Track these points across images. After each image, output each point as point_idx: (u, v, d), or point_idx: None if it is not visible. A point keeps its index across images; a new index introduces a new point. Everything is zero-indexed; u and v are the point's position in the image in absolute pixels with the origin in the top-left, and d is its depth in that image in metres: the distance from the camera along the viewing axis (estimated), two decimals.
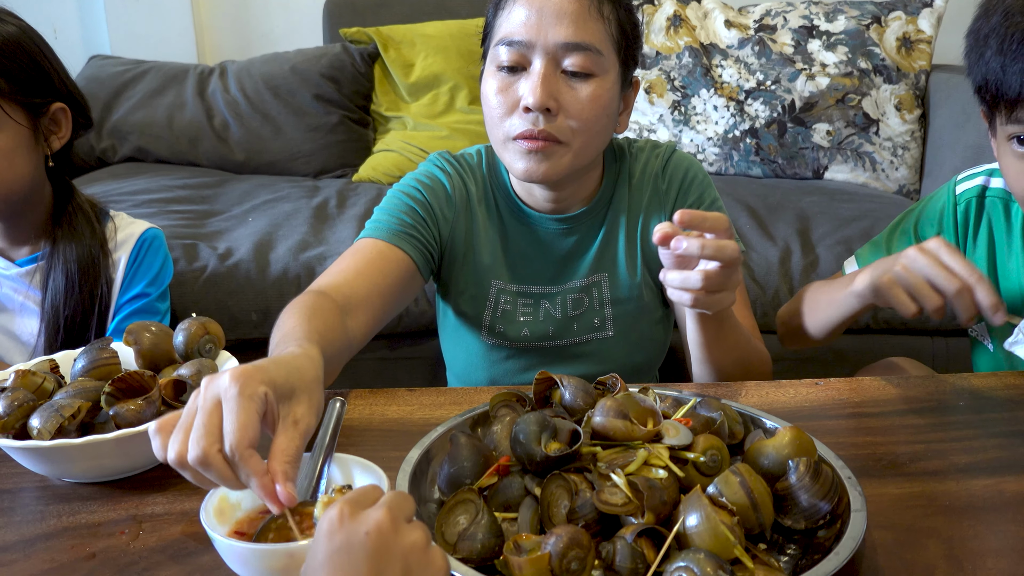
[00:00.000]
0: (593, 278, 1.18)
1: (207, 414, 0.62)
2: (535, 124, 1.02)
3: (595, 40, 1.03)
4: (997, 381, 1.01)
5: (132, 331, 0.91)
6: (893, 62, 2.47)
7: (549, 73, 1.02)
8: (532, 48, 1.02)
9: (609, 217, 1.18)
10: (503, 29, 1.04)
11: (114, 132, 2.51)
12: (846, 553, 0.61)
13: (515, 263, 1.18)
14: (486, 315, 1.19)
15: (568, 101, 1.03)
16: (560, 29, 1.01)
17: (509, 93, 1.04)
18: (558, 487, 0.68)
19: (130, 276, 1.26)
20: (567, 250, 1.17)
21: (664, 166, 1.19)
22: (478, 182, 1.19)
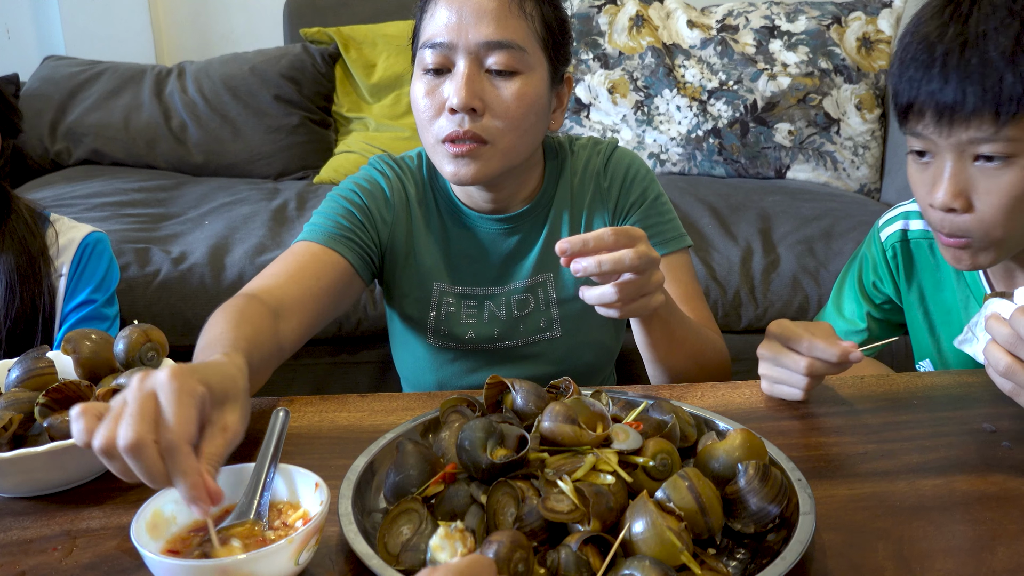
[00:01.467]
0: (537, 278, 1.17)
1: (142, 402, 0.59)
2: (461, 125, 1.01)
3: (517, 37, 1.02)
4: (950, 379, 1.01)
5: (71, 339, 0.88)
6: (853, 62, 2.49)
7: (472, 73, 1.01)
8: (454, 49, 1.01)
9: (552, 215, 1.17)
10: (426, 31, 1.03)
11: (69, 134, 2.46)
12: (793, 557, 0.61)
13: (457, 265, 1.17)
14: (430, 318, 1.18)
15: (493, 100, 1.02)
16: (481, 28, 1.00)
17: (435, 95, 1.03)
18: (504, 495, 0.67)
19: (74, 283, 1.22)
20: (509, 250, 1.16)
21: (606, 163, 1.18)
22: (417, 184, 1.18)
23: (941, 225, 0.97)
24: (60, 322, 1.23)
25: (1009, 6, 0.89)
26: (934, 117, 0.92)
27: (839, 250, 1.91)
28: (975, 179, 0.93)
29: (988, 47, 0.88)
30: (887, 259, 1.19)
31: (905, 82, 0.94)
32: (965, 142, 0.92)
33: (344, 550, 0.68)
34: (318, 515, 0.62)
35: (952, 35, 0.90)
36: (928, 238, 1.17)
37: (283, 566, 0.60)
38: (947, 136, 0.92)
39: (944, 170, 0.94)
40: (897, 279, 1.20)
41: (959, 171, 0.94)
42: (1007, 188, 0.91)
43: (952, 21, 0.91)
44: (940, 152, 0.95)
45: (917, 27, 0.95)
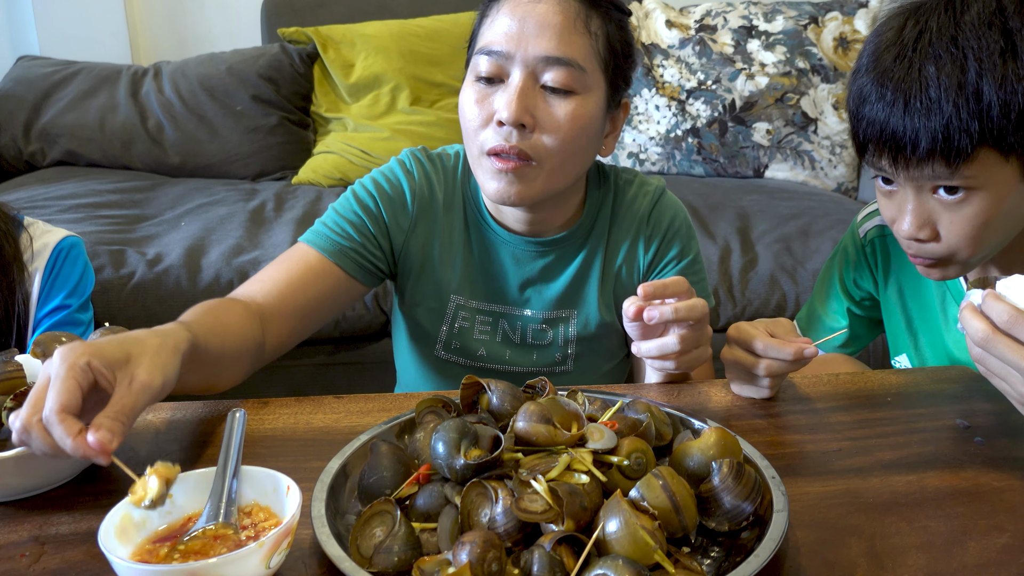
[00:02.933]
0: (560, 312, 1.13)
1: (37, 389, 0.68)
2: (508, 139, 0.97)
3: (578, 55, 0.98)
4: (924, 376, 1.02)
5: (40, 342, 0.86)
6: (830, 62, 2.51)
7: (526, 87, 0.97)
8: (511, 59, 0.97)
9: (586, 250, 1.13)
10: (484, 37, 1.00)
11: (43, 135, 2.43)
12: (766, 554, 0.61)
13: (477, 279, 1.13)
14: (442, 330, 1.14)
15: (545, 117, 0.98)
16: (541, 41, 0.96)
17: (485, 105, 0.99)
18: (478, 495, 0.66)
19: (47, 288, 1.20)
20: (533, 274, 1.13)
21: (651, 210, 1.14)
22: (448, 186, 1.13)
23: (909, 248, 0.98)
24: (33, 327, 1.21)
25: (953, 35, 0.87)
26: (890, 157, 0.91)
27: (817, 248, 1.92)
28: (937, 211, 0.93)
29: (931, 89, 0.86)
30: (865, 255, 1.20)
31: (862, 120, 0.93)
32: (924, 178, 0.91)
33: (317, 553, 0.67)
34: (289, 518, 0.61)
35: (899, 76, 0.89)
36: None
37: (254, 570, 0.59)
38: (904, 174, 0.92)
39: (907, 202, 0.94)
40: (876, 275, 1.20)
41: (921, 204, 0.94)
42: (970, 219, 0.91)
43: (897, 60, 0.89)
44: (901, 183, 0.95)
45: (871, 61, 0.93)
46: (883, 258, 1.19)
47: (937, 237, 0.94)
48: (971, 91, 0.85)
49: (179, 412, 0.94)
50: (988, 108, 0.85)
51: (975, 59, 0.85)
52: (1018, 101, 0.85)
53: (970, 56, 0.86)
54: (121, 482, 0.80)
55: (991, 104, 0.85)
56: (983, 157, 0.87)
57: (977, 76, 0.85)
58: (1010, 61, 0.85)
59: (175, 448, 0.87)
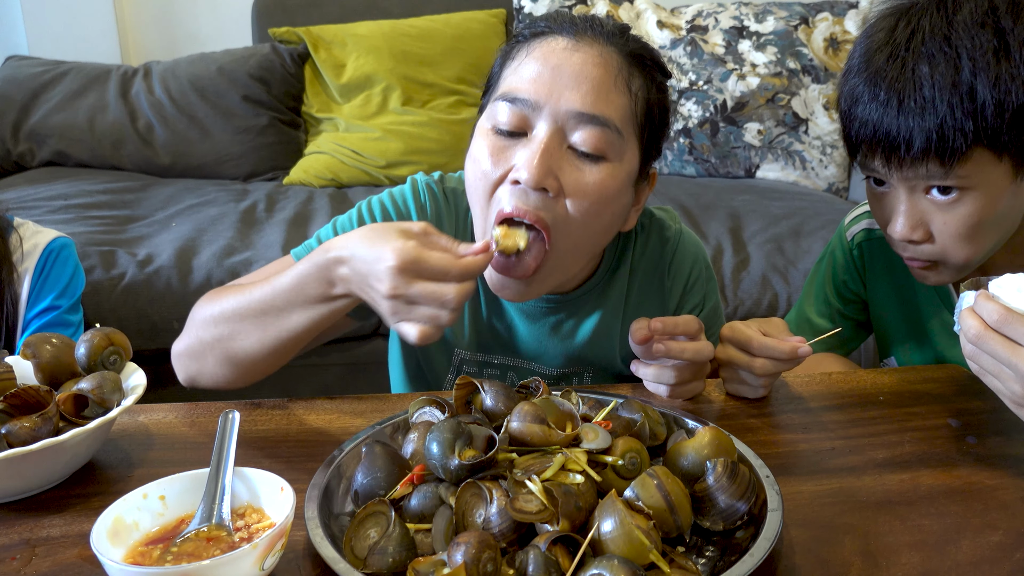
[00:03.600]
0: (575, 369, 1.06)
1: None
2: (524, 201, 0.85)
3: (615, 116, 0.86)
4: (915, 376, 1.02)
5: (31, 344, 0.86)
6: (821, 62, 2.51)
7: (552, 146, 0.85)
8: (538, 111, 0.86)
9: (603, 308, 1.04)
10: (508, 81, 0.89)
11: (32, 135, 2.42)
12: (761, 553, 0.61)
13: (483, 333, 1.06)
14: (447, 380, 1.08)
15: (570, 184, 0.86)
16: (576, 95, 0.85)
17: (501, 159, 0.87)
18: (472, 496, 0.66)
19: (37, 289, 1.20)
20: (546, 330, 1.04)
21: (672, 260, 1.06)
22: (459, 230, 1.03)
23: (903, 250, 0.98)
24: (23, 328, 1.20)
25: (946, 34, 0.87)
26: (883, 157, 0.91)
27: (808, 248, 1.92)
28: (931, 211, 0.93)
29: (925, 89, 0.87)
30: (853, 258, 1.20)
31: (855, 121, 0.93)
32: (918, 178, 0.91)
33: (311, 554, 0.67)
34: (283, 519, 0.61)
35: (893, 77, 0.89)
36: None
37: (248, 571, 0.59)
38: (898, 175, 0.92)
39: (900, 203, 0.94)
40: (864, 278, 1.21)
41: (914, 204, 0.94)
42: (963, 219, 0.92)
43: (890, 60, 0.89)
44: (894, 184, 0.95)
45: (863, 61, 0.93)
46: (871, 261, 1.19)
47: (931, 238, 0.94)
48: (965, 90, 0.86)
49: (170, 414, 0.94)
50: (982, 108, 0.85)
51: (969, 58, 0.86)
52: (1012, 100, 0.85)
53: (964, 55, 0.86)
54: (111, 484, 0.79)
55: (985, 103, 0.85)
56: (977, 157, 0.88)
57: (971, 75, 0.86)
58: (1003, 60, 0.85)
59: (167, 449, 0.86)
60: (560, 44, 0.88)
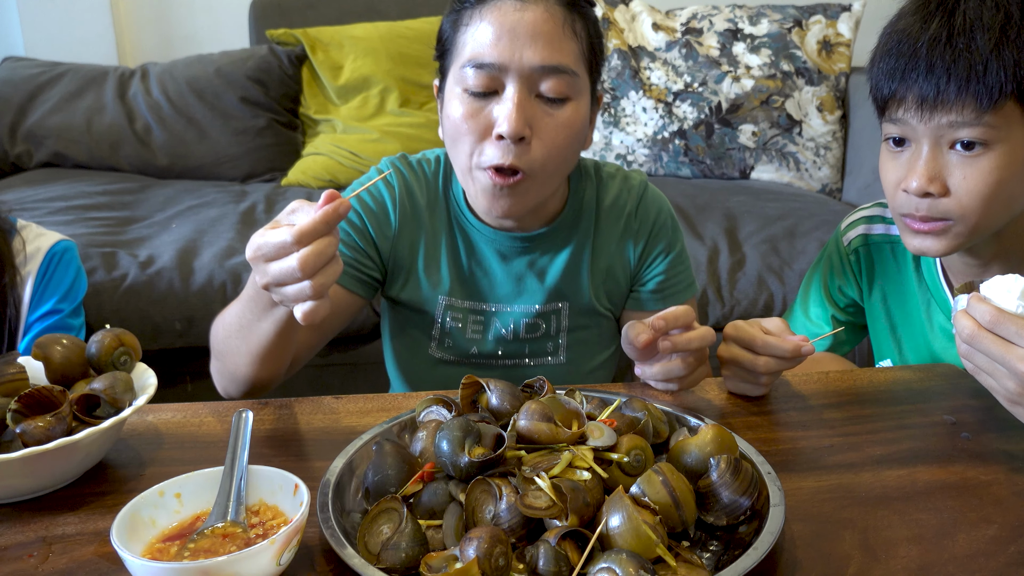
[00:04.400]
0: (552, 305, 1.14)
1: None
2: (506, 155, 0.96)
3: (571, 61, 0.97)
4: (911, 374, 1.04)
5: (41, 344, 0.87)
6: (814, 64, 2.54)
7: (524, 99, 0.96)
8: (505, 71, 0.96)
9: (574, 243, 1.13)
10: (470, 49, 0.98)
11: (29, 137, 2.42)
12: (764, 547, 0.62)
13: (465, 279, 1.14)
14: (434, 330, 1.15)
15: (542, 128, 0.98)
16: (536, 51, 0.95)
17: (479, 119, 0.98)
18: (482, 492, 0.68)
19: (40, 292, 1.20)
20: (522, 269, 1.13)
21: (637, 207, 1.16)
22: (431, 191, 1.14)
23: (916, 209, 0.99)
24: (24, 331, 1.21)
25: None
26: (916, 102, 0.95)
27: (803, 249, 1.94)
28: (951, 165, 0.96)
29: (975, 37, 0.92)
30: (850, 263, 1.22)
31: (886, 72, 0.98)
32: (945, 126, 0.94)
33: (323, 550, 0.68)
34: (299, 516, 0.62)
35: (938, 25, 0.94)
36: (890, 241, 1.19)
37: (265, 567, 0.60)
38: (927, 121, 0.95)
39: (920, 156, 0.97)
40: (860, 282, 1.23)
41: (935, 157, 0.97)
42: (984, 174, 0.95)
43: (938, 12, 0.94)
44: (917, 138, 0.98)
45: (899, 20, 0.99)
46: (867, 266, 1.21)
47: (947, 193, 0.97)
48: (1013, 35, 0.91)
49: (179, 413, 0.95)
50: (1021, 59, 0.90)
51: (1018, 7, 0.91)
52: None
53: (1014, 3, 0.92)
54: (123, 482, 0.81)
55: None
56: (1008, 110, 0.92)
57: (1019, 23, 0.91)
58: None
59: (177, 448, 0.87)
60: (508, 6, 0.97)
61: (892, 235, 1.19)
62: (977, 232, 0.99)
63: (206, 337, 1.70)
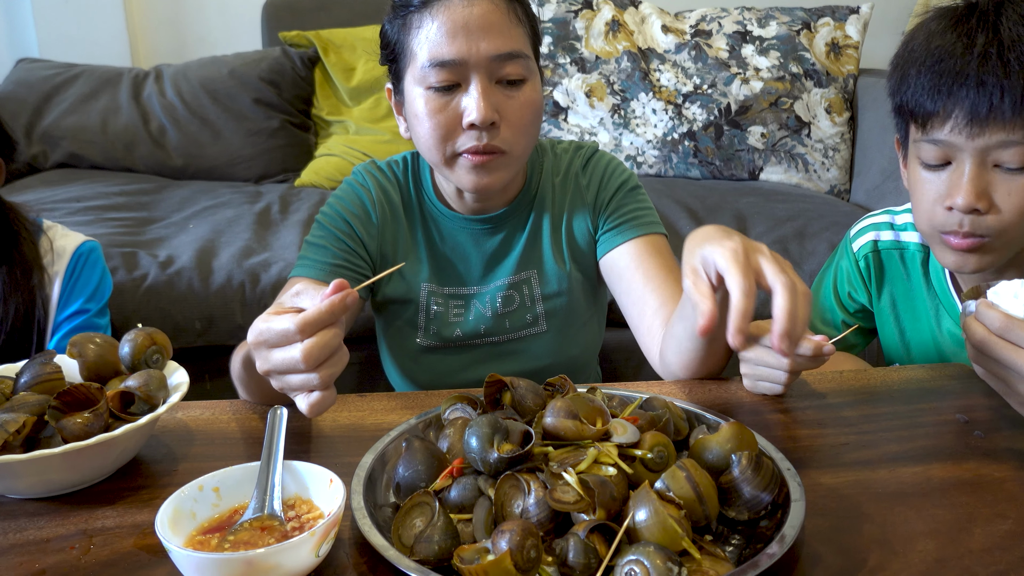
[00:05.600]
0: (521, 275, 1.20)
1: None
2: (479, 140, 1.04)
3: (521, 45, 1.05)
4: (924, 374, 1.06)
5: (76, 343, 0.89)
6: (823, 66, 2.55)
7: (487, 88, 1.03)
8: (465, 65, 1.02)
9: (533, 215, 1.21)
10: (427, 49, 1.03)
11: (45, 138, 2.44)
12: (787, 541, 0.64)
13: (443, 266, 1.21)
14: (420, 319, 1.21)
15: (507, 111, 1.05)
16: (490, 41, 1.02)
17: (446, 112, 1.04)
18: (511, 487, 0.70)
19: (67, 293, 1.23)
20: (493, 249, 1.20)
21: (584, 165, 1.23)
22: (403, 190, 1.21)
23: (960, 225, 1.00)
24: (52, 331, 1.23)
25: None
26: (965, 119, 0.95)
27: (813, 250, 1.96)
28: (995, 182, 0.97)
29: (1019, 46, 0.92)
30: (859, 269, 1.24)
31: (928, 90, 0.98)
32: (994, 145, 0.95)
33: (357, 543, 0.70)
34: (337, 509, 0.64)
35: (984, 42, 0.94)
36: (899, 248, 1.21)
37: (305, 558, 0.62)
38: (975, 139, 0.96)
39: (964, 174, 0.98)
40: (869, 288, 1.24)
41: (980, 174, 0.97)
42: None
43: (980, 30, 0.95)
44: (959, 157, 0.98)
45: (931, 39, 0.98)
46: (877, 272, 1.23)
47: (993, 209, 0.98)
48: None
49: (207, 411, 0.97)
50: None
51: None
52: None
53: None
54: (158, 477, 0.83)
55: None
56: None
57: None
58: None
59: (207, 444, 0.90)
60: (456, 3, 1.02)
61: (901, 241, 1.21)
62: (1011, 247, 1.01)
63: (225, 336, 1.74)
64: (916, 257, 1.20)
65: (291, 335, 0.72)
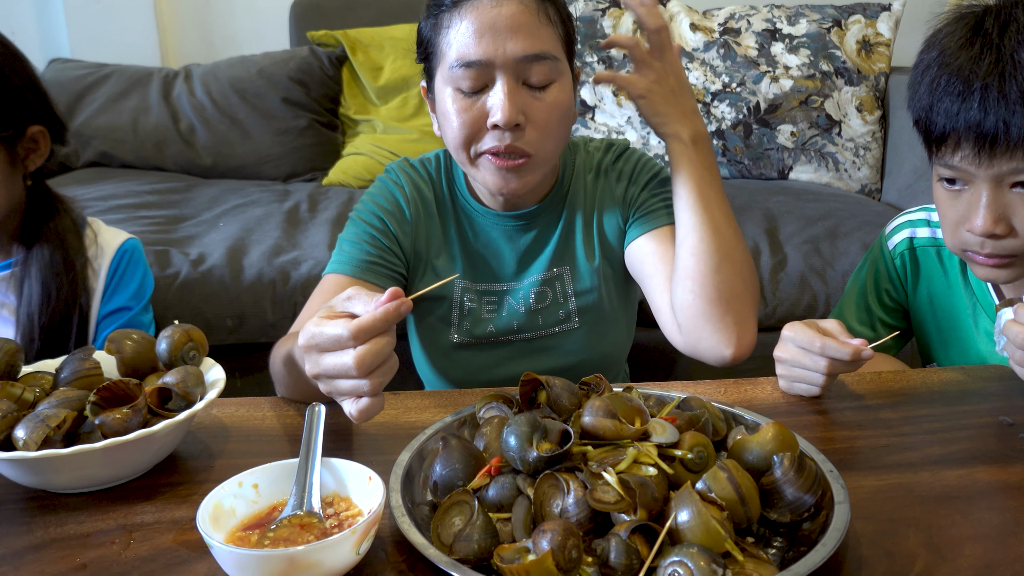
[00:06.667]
0: (554, 272, 1.20)
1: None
2: (501, 140, 1.03)
3: (551, 47, 1.03)
4: (964, 375, 1.04)
5: (114, 339, 0.90)
6: (854, 64, 2.52)
7: (513, 89, 1.02)
8: (492, 66, 1.01)
9: (566, 212, 1.20)
10: (455, 49, 1.03)
11: (77, 137, 2.47)
12: (832, 544, 0.63)
13: (476, 263, 1.21)
14: (453, 315, 1.21)
15: (534, 113, 1.04)
16: (517, 43, 1.00)
17: (472, 112, 1.03)
18: (550, 486, 0.69)
19: (111, 288, 1.25)
20: (526, 246, 1.20)
21: (615, 161, 1.22)
22: (436, 187, 1.21)
23: (981, 246, 0.99)
24: (95, 324, 1.25)
25: None
26: (973, 149, 0.93)
27: (845, 250, 1.94)
28: (1013, 204, 0.95)
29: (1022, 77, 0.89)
30: (895, 267, 1.22)
31: (940, 115, 0.96)
32: (1006, 172, 0.93)
33: (395, 541, 0.70)
34: (377, 506, 0.64)
35: (988, 65, 0.91)
36: (935, 245, 1.19)
37: (345, 556, 0.62)
38: (987, 167, 0.94)
39: (981, 198, 0.96)
40: (905, 286, 1.23)
41: (996, 198, 0.96)
42: None
43: (984, 51, 0.92)
44: (975, 181, 0.97)
45: (943, 57, 0.96)
46: (912, 270, 1.21)
47: (1012, 232, 0.96)
48: None
49: (242, 408, 0.98)
50: None
51: None
52: None
53: None
54: (195, 473, 0.83)
55: None
56: None
57: None
58: None
59: (243, 441, 0.90)
60: (485, 3, 1.01)
61: (938, 239, 1.19)
62: None
63: (256, 334, 1.75)
64: (953, 255, 1.18)
65: (344, 341, 0.71)
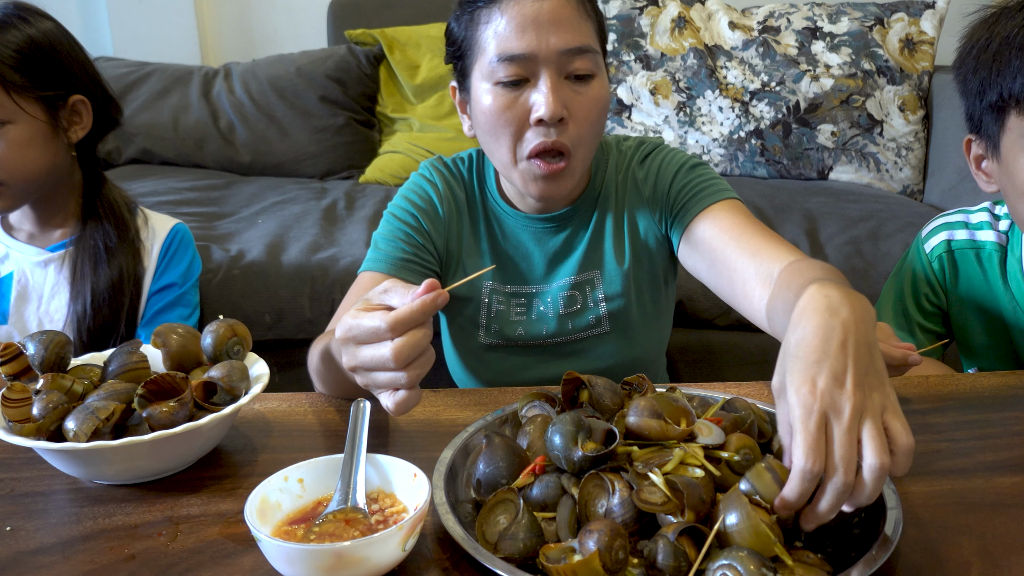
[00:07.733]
0: (584, 275, 1.18)
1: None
2: (548, 136, 1.02)
3: (590, 40, 1.04)
4: (1016, 380, 1.02)
5: (160, 333, 0.91)
6: (896, 63, 2.48)
7: (557, 82, 1.01)
8: (535, 60, 1.01)
9: (597, 214, 1.18)
10: (495, 44, 1.02)
11: (119, 134, 2.50)
12: (885, 551, 0.62)
13: (505, 264, 1.20)
14: (481, 317, 1.20)
15: (576, 107, 1.03)
16: (560, 36, 1.00)
17: (515, 108, 1.03)
18: (595, 486, 0.69)
19: (163, 266, 1.31)
20: (556, 248, 1.19)
21: (642, 160, 1.20)
22: (467, 187, 1.21)
23: None
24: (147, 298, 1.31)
25: None
26: None
27: (887, 251, 1.90)
28: None
29: None
30: (933, 271, 1.20)
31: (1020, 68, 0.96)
32: None
33: (439, 538, 0.70)
34: (423, 503, 0.64)
35: None
36: (974, 247, 1.17)
37: (392, 552, 0.62)
38: None
39: None
40: (945, 289, 1.20)
41: None
42: None
43: None
44: None
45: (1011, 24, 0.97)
46: (951, 272, 1.19)
47: None
48: None
49: (284, 403, 0.98)
50: None
51: None
52: None
53: None
54: (239, 467, 0.84)
55: None
56: None
57: None
58: None
59: (285, 436, 0.90)
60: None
61: (976, 240, 1.17)
62: None
63: (294, 330, 1.77)
64: (993, 257, 1.16)
65: (381, 332, 0.71)
